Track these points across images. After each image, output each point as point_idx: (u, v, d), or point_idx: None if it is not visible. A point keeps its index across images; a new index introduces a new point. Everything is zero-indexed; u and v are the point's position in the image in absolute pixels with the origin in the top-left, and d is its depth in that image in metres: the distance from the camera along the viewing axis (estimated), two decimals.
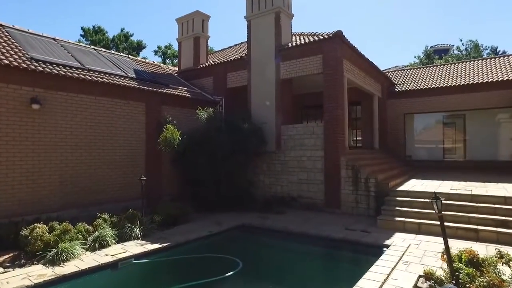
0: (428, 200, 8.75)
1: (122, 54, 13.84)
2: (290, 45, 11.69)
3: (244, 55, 12.87)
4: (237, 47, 16.39)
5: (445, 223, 7.14)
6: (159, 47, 34.15)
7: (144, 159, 10.95)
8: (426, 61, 30.79)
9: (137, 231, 7.86)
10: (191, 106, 12.29)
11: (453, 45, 33.25)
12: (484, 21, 54.13)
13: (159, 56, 34.30)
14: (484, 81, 13.90)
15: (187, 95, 12.32)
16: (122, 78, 10.79)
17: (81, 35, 29.48)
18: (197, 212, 11.03)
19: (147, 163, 10.97)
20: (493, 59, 16.14)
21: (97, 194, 9.67)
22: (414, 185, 10.52)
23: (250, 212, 11.00)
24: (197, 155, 10.94)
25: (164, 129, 10.16)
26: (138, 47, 31.31)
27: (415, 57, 36.59)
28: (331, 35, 10.70)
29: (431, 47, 32.76)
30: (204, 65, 14.27)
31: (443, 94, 14.83)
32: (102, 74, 10.21)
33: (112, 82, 10.03)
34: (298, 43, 11.51)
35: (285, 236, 8.57)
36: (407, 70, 18.04)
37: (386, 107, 15.83)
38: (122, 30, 30.83)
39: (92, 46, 13.56)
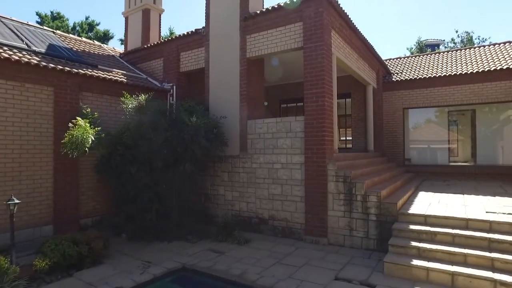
0: (462, 233, 5.60)
1: (46, 28, 10.34)
2: (259, 11, 8.39)
3: (201, 28, 9.52)
4: None
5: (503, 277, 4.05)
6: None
7: (52, 167, 7.48)
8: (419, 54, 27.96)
9: None
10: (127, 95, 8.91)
11: (444, 40, 30.53)
12: (479, 14, 51.74)
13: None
14: (504, 67, 10.89)
15: (122, 79, 8.87)
16: (18, 51, 7.32)
17: (37, 21, 25.55)
18: (131, 240, 7.68)
19: (56, 172, 7.50)
20: (507, 43, 13.20)
21: None
22: (428, 202, 7.36)
23: (203, 240, 7.72)
24: (126, 163, 7.57)
25: (71, 125, 6.77)
26: (104, 37, 27.53)
27: (407, 48, 33.83)
28: None
29: (422, 41, 29.99)
30: (151, 44, 10.81)
31: (450, 85, 11.79)
32: None
33: None
34: (270, 8, 8.23)
35: None
36: (404, 58, 14.99)
37: (381, 100, 12.70)
38: (87, 19, 27.02)
39: None
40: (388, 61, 14.84)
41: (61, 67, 7.54)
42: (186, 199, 8.37)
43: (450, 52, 14.22)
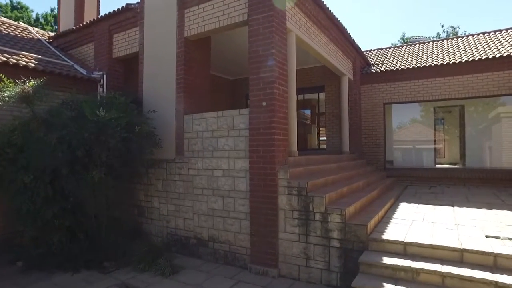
0: (456, 272, 3.79)
1: None
2: None
3: (135, 3, 7.58)
4: None
5: None
6: None
7: None
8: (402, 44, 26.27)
9: None
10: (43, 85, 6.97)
11: (430, 37, 29.01)
12: (464, 8, 50.49)
13: None
14: (497, 56, 9.17)
15: (30, 64, 6.88)
16: None
17: None
18: (28, 270, 5.72)
19: None
20: (498, 32, 11.53)
21: None
22: (410, 220, 5.54)
23: (122, 268, 5.82)
24: (19, 169, 5.60)
25: None
26: None
27: (392, 44, 32.28)
28: None
29: (407, 38, 28.41)
30: (80, 25, 8.79)
31: (436, 77, 10.04)
32: None
33: None
34: None
35: None
36: (386, 49, 13.23)
37: (359, 94, 10.89)
38: (52, 10, 24.69)
39: None
40: (368, 52, 13.05)
41: None
42: (111, 214, 6.44)
43: (436, 42, 12.49)
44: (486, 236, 4.55)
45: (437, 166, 11.83)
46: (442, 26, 39.11)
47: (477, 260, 3.99)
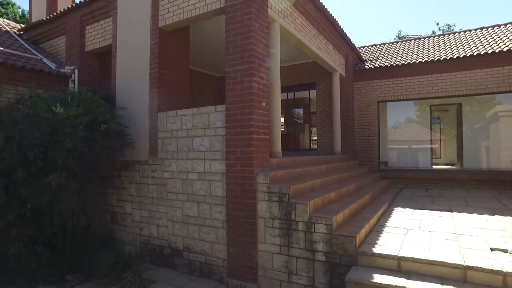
0: None
1: None
2: None
3: None
4: None
5: None
6: None
7: None
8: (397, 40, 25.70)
9: None
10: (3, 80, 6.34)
11: (424, 36, 28.48)
12: (460, 6, 49.92)
13: None
14: (497, 51, 8.61)
15: None
16: None
17: None
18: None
19: None
20: (496, 27, 10.96)
21: None
22: (405, 229, 4.93)
23: (87, 282, 5.23)
24: None
25: None
26: None
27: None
28: None
29: (403, 36, 27.87)
30: (51, 15, 8.12)
31: (433, 73, 9.45)
32: None
33: None
34: None
35: None
36: (380, 45, 12.65)
37: (352, 92, 10.29)
38: None
39: None
40: (362, 48, 12.46)
41: None
42: (77, 221, 5.81)
43: (432, 38, 11.93)
44: (492, 249, 3.96)
45: (433, 167, 11.28)
46: (438, 24, 38.63)
47: (484, 280, 3.39)
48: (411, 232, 4.76)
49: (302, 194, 4.87)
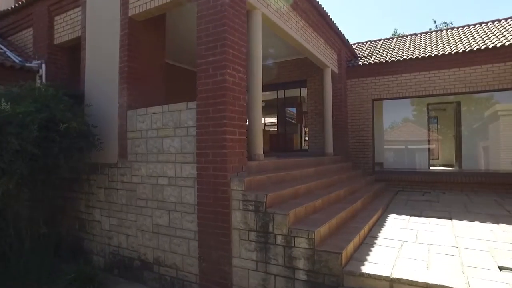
0: None
1: None
2: None
3: None
4: None
5: None
6: None
7: None
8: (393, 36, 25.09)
9: None
10: None
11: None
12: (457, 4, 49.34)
13: None
14: (498, 45, 8.04)
15: None
16: None
17: None
18: None
19: None
20: (496, 21, 10.39)
21: None
22: (400, 242, 4.34)
23: None
24: None
25: None
26: None
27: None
28: None
29: (399, 34, 27.32)
30: (16, 4, 7.46)
31: (430, 69, 8.87)
32: None
33: None
34: None
35: None
36: (375, 42, 12.07)
37: (345, 89, 9.70)
38: None
39: None
40: (356, 45, 11.88)
41: None
42: (36, 230, 5.20)
43: (429, 33, 11.36)
44: (500, 268, 3.37)
45: (430, 168, 10.71)
46: (435, 22, 37.94)
47: None
48: (406, 245, 4.17)
49: (283, 202, 4.28)
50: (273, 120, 14.49)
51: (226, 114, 4.10)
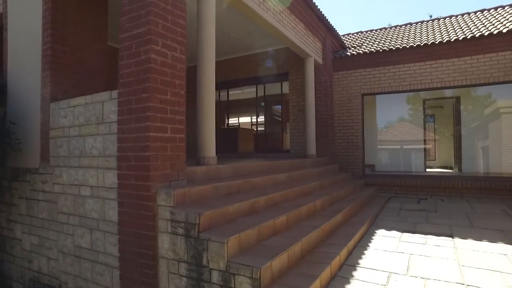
0: None
1: None
2: None
3: None
4: None
5: None
6: None
7: None
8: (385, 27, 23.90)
9: None
10: None
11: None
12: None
13: None
14: (504, 31, 6.99)
15: None
16: None
17: None
18: None
19: None
20: (500, 8, 9.33)
21: None
22: (386, 273, 3.23)
23: None
24: None
25: None
26: None
27: None
28: None
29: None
30: None
31: (427, 60, 7.81)
32: None
33: None
34: None
35: None
36: (367, 32, 10.99)
37: (331, 83, 8.63)
38: None
39: None
40: (346, 36, 10.81)
41: None
42: None
43: (426, 22, 10.29)
44: None
45: (427, 170, 9.65)
46: (431, 16, 36.88)
47: None
48: (394, 279, 3.09)
49: (230, 221, 3.20)
50: (261, 119, 13.37)
51: (150, 104, 3.01)
